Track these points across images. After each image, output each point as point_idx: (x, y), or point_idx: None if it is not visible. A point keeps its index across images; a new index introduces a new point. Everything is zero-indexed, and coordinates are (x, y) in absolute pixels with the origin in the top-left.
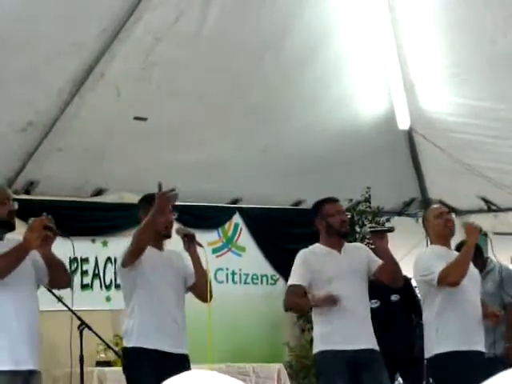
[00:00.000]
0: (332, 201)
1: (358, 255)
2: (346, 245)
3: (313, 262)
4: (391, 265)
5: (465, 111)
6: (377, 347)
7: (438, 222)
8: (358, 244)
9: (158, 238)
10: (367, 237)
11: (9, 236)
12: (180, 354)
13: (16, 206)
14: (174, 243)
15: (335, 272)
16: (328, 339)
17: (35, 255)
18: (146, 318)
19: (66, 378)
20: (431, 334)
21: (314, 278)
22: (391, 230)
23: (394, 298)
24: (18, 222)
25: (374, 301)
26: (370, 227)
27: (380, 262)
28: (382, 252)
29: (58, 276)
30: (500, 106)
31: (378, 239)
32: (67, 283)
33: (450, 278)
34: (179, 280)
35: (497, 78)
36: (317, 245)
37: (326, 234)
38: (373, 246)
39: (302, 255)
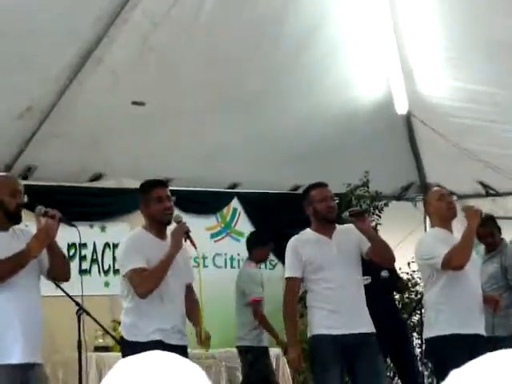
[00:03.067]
0: (319, 186)
1: (348, 238)
2: (338, 228)
3: (303, 251)
4: (377, 244)
5: (463, 96)
6: (373, 329)
7: (440, 205)
8: (349, 226)
9: (159, 226)
10: (348, 220)
11: (14, 226)
12: (182, 346)
13: (26, 199)
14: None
15: (326, 259)
16: (322, 323)
17: None
18: (150, 311)
19: (65, 363)
20: (431, 316)
21: (306, 266)
22: (365, 211)
23: (384, 273)
24: None
25: (366, 277)
26: (349, 211)
27: None
28: (365, 233)
29: (58, 266)
30: (498, 91)
31: (357, 221)
32: (66, 275)
33: (454, 262)
34: (182, 271)
35: (494, 62)
36: (308, 230)
37: (314, 219)
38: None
39: (291, 244)
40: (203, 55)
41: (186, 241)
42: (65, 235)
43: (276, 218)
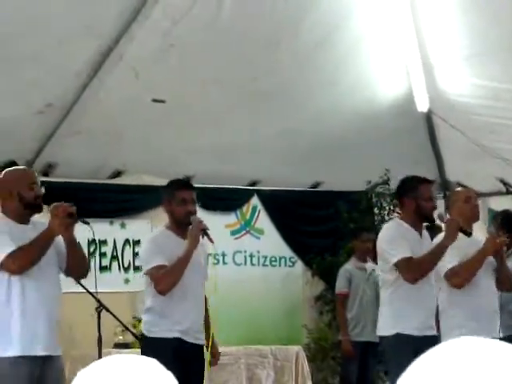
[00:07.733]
0: (429, 183)
1: (430, 245)
2: (424, 230)
3: (407, 238)
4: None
5: (484, 93)
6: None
7: (466, 207)
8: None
9: (181, 227)
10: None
11: (34, 219)
12: (198, 345)
13: (43, 190)
14: None
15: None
16: (402, 322)
17: (58, 241)
18: (169, 310)
19: (84, 359)
20: (443, 321)
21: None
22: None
23: None
24: None
25: None
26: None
27: None
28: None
29: (77, 263)
30: None
31: None
32: (85, 272)
33: (455, 280)
34: (202, 268)
35: None
36: (400, 221)
37: (412, 213)
38: None
39: (397, 226)
40: (223, 51)
41: (203, 237)
42: (85, 232)
43: (296, 216)
